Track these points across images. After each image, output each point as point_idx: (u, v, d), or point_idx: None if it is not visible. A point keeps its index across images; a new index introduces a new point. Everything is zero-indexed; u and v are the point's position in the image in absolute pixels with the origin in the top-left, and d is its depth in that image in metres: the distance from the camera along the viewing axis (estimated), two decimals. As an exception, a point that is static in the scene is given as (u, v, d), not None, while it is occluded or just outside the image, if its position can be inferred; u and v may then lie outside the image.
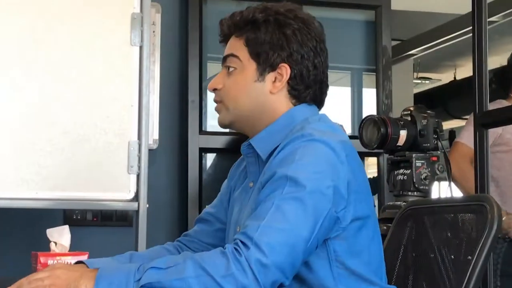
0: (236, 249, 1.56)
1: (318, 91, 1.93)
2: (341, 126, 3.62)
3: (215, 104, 1.97)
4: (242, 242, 1.57)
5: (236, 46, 1.91)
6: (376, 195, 4.63)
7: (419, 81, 10.04)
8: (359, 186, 1.76)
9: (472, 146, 3.74)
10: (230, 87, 1.90)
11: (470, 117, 3.65)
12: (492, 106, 3.61)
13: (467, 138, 3.81)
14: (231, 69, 1.90)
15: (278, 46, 1.86)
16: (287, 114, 1.88)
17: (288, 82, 1.88)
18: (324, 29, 1.98)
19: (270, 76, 1.88)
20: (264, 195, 1.67)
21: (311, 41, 1.89)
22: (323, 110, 3.90)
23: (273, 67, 1.87)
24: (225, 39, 1.97)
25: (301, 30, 1.88)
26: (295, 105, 1.90)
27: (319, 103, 1.96)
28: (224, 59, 1.93)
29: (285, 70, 1.87)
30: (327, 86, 1.97)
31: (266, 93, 1.88)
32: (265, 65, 1.87)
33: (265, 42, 1.86)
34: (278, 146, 1.79)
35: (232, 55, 1.91)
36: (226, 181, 2.12)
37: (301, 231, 1.61)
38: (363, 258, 1.78)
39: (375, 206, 1.90)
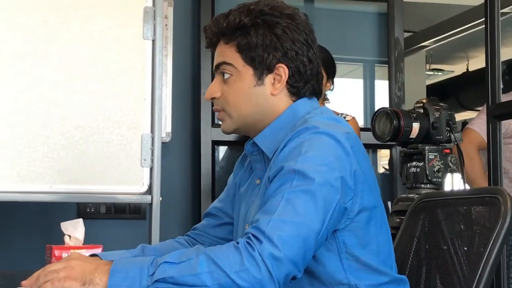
0: (248, 243, 1.56)
1: (316, 83, 1.92)
2: (354, 118, 3.64)
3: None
4: (254, 236, 1.57)
5: (228, 53, 1.88)
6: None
7: (432, 73, 10.03)
8: (365, 176, 1.76)
9: (482, 134, 3.75)
10: (229, 95, 1.88)
11: (484, 106, 3.64)
12: (507, 97, 3.61)
13: (478, 126, 3.81)
14: (226, 76, 1.88)
15: (272, 47, 1.84)
16: (289, 110, 1.88)
17: (287, 81, 1.87)
18: (337, 22, 1.97)
19: (268, 79, 1.86)
20: (272, 190, 1.67)
21: (301, 35, 1.87)
22: (335, 103, 3.91)
23: (270, 69, 1.85)
24: (211, 46, 1.94)
25: (290, 27, 1.85)
26: (294, 102, 1.89)
27: (318, 94, 1.96)
28: (217, 67, 1.90)
29: (283, 70, 1.86)
30: (322, 76, 1.97)
31: (267, 96, 1.87)
32: (262, 68, 1.85)
33: (258, 46, 1.84)
34: (282, 141, 1.79)
35: (225, 63, 1.88)
36: (231, 175, 2.12)
37: (312, 223, 1.61)
38: (372, 248, 1.78)
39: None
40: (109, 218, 4.04)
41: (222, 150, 4.53)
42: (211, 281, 1.52)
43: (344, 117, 3.50)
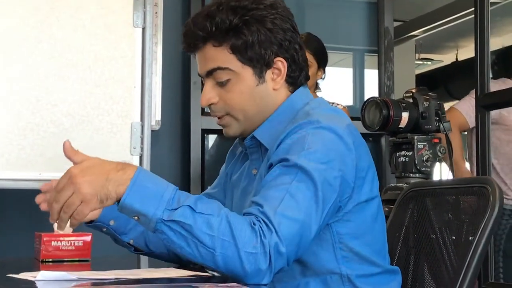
0: (262, 229, 1.53)
1: (306, 68, 1.92)
2: (345, 107, 3.65)
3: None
4: (264, 222, 1.55)
5: (220, 56, 1.81)
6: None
7: (421, 62, 10.05)
8: (365, 171, 1.77)
9: (465, 115, 3.80)
10: (232, 99, 1.84)
11: (473, 91, 3.66)
12: (495, 84, 3.62)
13: (462, 106, 3.87)
14: (224, 81, 1.82)
15: (267, 42, 1.81)
16: (287, 102, 1.87)
17: (285, 73, 1.86)
18: (327, 10, 1.97)
19: (268, 75, 1.84)
20: (272, 176, 1.66)
21: (287, 22, 1.85)
22: (326, 92, 3.91)
23: (269, 65, 1.83)
24: (192, 50, 1.86)
25: (277, 17, 1.82)
26: (292, 92, 1.89)
27: (308, 79, 1.95)
28: (209, 73, 1.83)
29: (281, 64, 1.84)
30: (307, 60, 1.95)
31: (270, 92, 1.85)
32: (261, 65, 1.82)
33: (254, 43, 1.80)
34: (282, 133, 1.77)
35: (220, 68, 1.81)
36: (224, 165, 2.12)
37: (311, 223, 1.61)
38: (366, 239, 1.79)
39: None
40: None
41: (212, 139, 4.53)
42: (221, 249, 1.51)
43: (335, 106, 3.50)
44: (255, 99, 1.84)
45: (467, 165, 4.09)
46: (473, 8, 3.40)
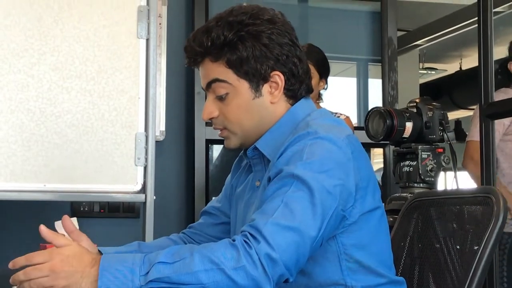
0: (246, 241, 1.55)
1: (308, 80, 1.92)
2: (348, 117, 3.65)
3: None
4: (251, 235, 1.56)
5: (217, 70, 1.84)
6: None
7: (425, 72, 10.04)
8: (367, 181, 1.77)
9: None
10: (229, 112, 1.86)
11: (476, 111, 3.65)
12: (496, 94, 3.62)
13: (477, 135, 3.82)
14: (222, 95, 1.85)
15: (263, 57, 1.82)
16: (289, 114, 1.87)
17: (283, 86, 1.86)
18: (331, 20, 1.97)
19: (265, 88, 1.85)
20: (271, 191, 1.67)
21: (286, 37, 1.85)
22: (329, 102, 3.91)
23: (266, 79, 1.84)
24: (195, 65, 1.90)
25: (274, 32, 1.83)
26: (292, 104, 1.89)
27: (311, 91, 1.95)
28: (209, 85, 1.87)
29: (279, 77, 1.84)
30: (310, 71, 1.95)
31: (267, 106, 1.86)
32: (257, 79, 1.83)
33: (249, 59, 1.81)
34: (283, 144, 1.78)
35: (218, 79, 1.84)
36: (229, 176, 2.13)
37: (309, 230, 1.60)
38: (371, 249, 1.78)
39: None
40: (103, 217, 4.04)
41: (216, 149, 4.54)
42: (208, 279, 1.51)
43: (338, 117, 3.50)
44: (252, 113, 1.85)
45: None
46: (476, 18, 3.40)
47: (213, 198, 2.19)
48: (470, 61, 9.12)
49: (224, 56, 1.82)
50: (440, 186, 3.27)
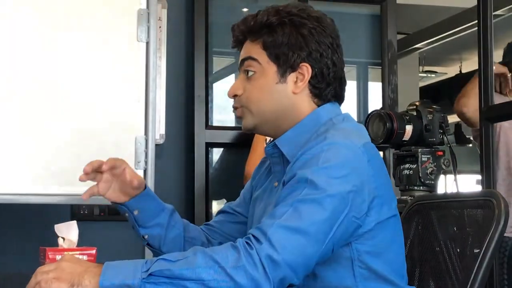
0: (247, 243, 1.57)
1: (338, 87, 1.93)
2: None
3: (221, 99, 1.97)
4: (254, 236, 1.58)
5: (253, 50, 1.89)
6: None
7: (425, 75, 10.06)
8: (383, 189, 1.76)
9: None
10: (251, 91, 1.89)
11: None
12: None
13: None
14: (250, 73, 1.89)
15: (297, 46, 1.86)
16: (313, 115, 1.88)
17: (309, 81, 1.87)
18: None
19: (291, 77, 1.87)
20: (283, 196, 1.69)
21: (327, 38, 1.88)
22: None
23: (294, 68, 1.87)
24: (238, 45, 1.96)
25: (316, 29, 1.87)
26: (317, 104, 1.90)
27: (340, 99, 1.96)
28: (242, 62, 1.92)
29: (306, 70, 1.86)
30: (345, 82, 1.97)
31: (289, 94, 1.88)
32: (286, 66, 1.86)
33: (283, 44, 1.85)
34: (302, 147, 1.79)
35: (251, 58, 1.89)
36: (249, 181, 2.14)
37: (316, 233, 1.61)
38: (385, 258, 1.78)
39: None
40: (103, 220, 4.03)
41: (216, 152, 4.53)
42: (208, 276, 1.53)
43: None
44: (272, 96, 1.88)
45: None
46: (476, 21, 3.40)
47: (213, 201, 2.19)
48: (470, 64, 9.13)
49: (262, 37, 1.88)
50: (440, 189, 3.26)
